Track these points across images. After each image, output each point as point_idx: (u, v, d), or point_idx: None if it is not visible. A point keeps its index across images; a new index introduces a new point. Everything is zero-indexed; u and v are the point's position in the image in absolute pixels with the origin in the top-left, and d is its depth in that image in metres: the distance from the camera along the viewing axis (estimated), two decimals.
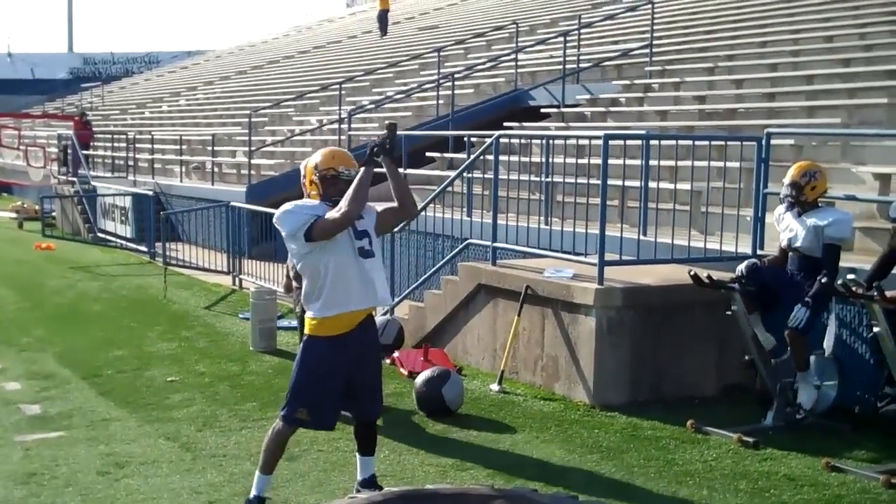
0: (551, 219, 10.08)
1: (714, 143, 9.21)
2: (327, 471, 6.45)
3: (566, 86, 16.60)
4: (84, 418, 7.76)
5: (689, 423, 7.33)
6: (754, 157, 8.59)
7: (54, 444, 7.09)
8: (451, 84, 17.46)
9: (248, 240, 15.15)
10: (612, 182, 8.40)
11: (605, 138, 8.18)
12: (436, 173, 14.38)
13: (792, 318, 7.14)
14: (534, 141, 11.58)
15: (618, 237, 8.62)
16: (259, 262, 13.92)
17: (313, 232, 5.39)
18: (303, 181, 7.18)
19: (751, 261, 7.54)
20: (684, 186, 9.42)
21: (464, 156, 12.87)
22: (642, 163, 8.78)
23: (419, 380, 7.96)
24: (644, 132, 11.05)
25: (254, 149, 19.84)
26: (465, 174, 11.08)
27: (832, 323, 7.45)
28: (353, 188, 5.41)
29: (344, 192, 5.42)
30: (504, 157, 10.08)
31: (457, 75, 18.08)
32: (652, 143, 8.97)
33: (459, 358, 9.44)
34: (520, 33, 19.91)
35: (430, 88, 18.80)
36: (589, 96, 15.96)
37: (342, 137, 17.39)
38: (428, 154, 15.42)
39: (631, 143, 9.56)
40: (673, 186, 9.23)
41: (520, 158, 10.53)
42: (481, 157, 10.59)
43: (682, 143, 9.59)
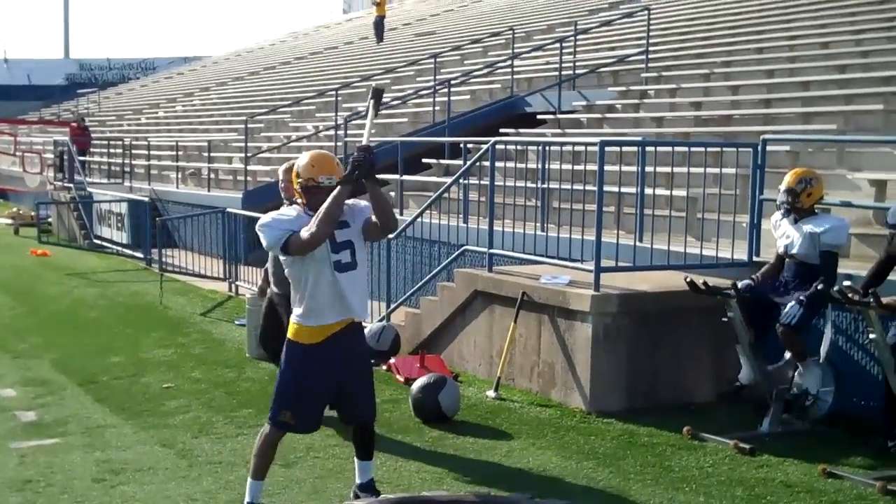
0: (547, 225, 10.08)
1: (710, 149, 9.21)
2: (323, 477, 6.44)
3: (562, 92, 16.63)
4: (80, 425, 7.75)
5: (686, 429, 7.33)
6: (750, 163, 8.61)
7: (50, 451, 7.07)
8: (447, 90, 17.47)
9: (243, 246, 15.13)
10: (608, 188, 8.40)
11: (601, 145, 8.19)
12: (432, 179, 14.38)
13: (785, 314, 7.15)
14: (530, 147, 11.60)
15: (614, 243, 8.61)
16: (255, 269, 13.90)
17: (289, 248, 5.37)
18: (281, 185, 7.27)
19: (745, 282, 7.52)
20: (680, 193, 9.41)
21: (460, 162, 12.86)
22: (638, 169, 8.78)
23: (415, 386, 7.95)
24: (640, 138, 11.07)
25: (250, 155, 19.84)
26: (461, 180, 11.08)
27: (828, 330, 7.45)
28: (324, 208, 5.23)
29: (323, 202, 5.29)
30: (500, 164, 10.10)
31: (453, 81, 18.08)
32: (648, 149, 8.97)
33: (456, 364, 9.44)
34: (516, 39, 19.96)
35: (427, 94, 18.81)
36: (585, 103, 15.97)
37: (338, 144, 17.38)
38: (424, 160, 15.41)
39: (627, 149, 9.56)
40: (669, 193, 9.22)
41: (516, 165, 10.54)
42: (477, 164, 10.59)
43: (678, 149, 9.59)
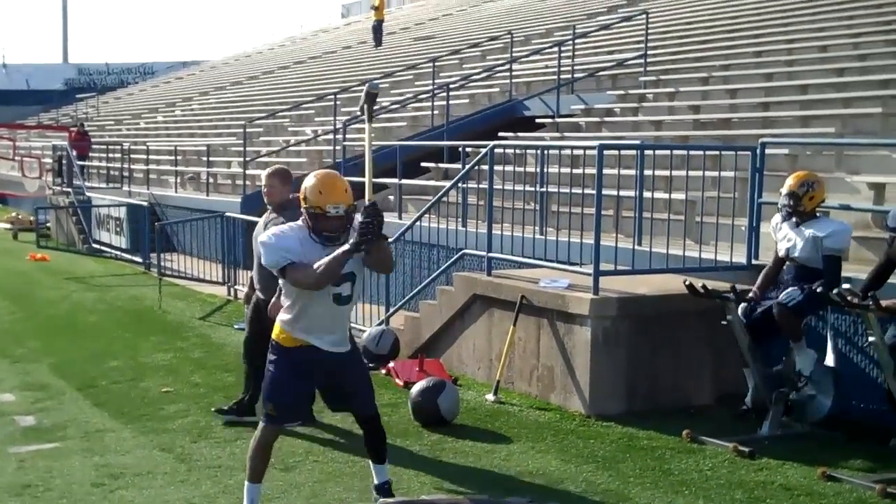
0: (546, 229, 10.08)
1: (709, 152, 9.22)
2: (322, 481, 6.43)
3: (561, 96, 16.64)
4: (78, 429, 7.74)
5: (685, 432, 7.33)
6: (749, 166, 8.61)
7: (49, 456, 7.06)
8: (445, 94, 17.48)
9: (242, 250, 15.09)
10: (606, 192, 8.39)
11: (599, 148, 8.19)
12: (431, 183, 14.39)
13: (785, 294, 7.14)
14: (528, 151, 11.58)
15: (613, 247, 8.62)
16: None
17: (286, 275, 5.31)
18: (265, 190, 7.48)
19: (746, 305, 7.49)
20: (679, 196, 9.42)
21: (459, 166, 12.87)
22: (637, 173, 8.79)
23: (414, 390, 7.95)
24: (639, 142, 11.08)
25: (249, 159, 19.82)
26: (459, 184, 11.09)
27: (830, 335, 7.44)
28: (327, 265, 5.16)
29: (330, 230, 5.22)
30: (499, 168, 10.11)
31: (452, 85, 18.10)
32: (647, 152, 8.99)
33: (455, 368, 9.43)
34: (514, 43, 19.97)
35: (425, 98, 18.82)
36: (584, 106, 15.99)
37: (337, 148, 17.38)
38: (423, 164, 15.43)
39: (626, 153, 9.58)
40: (668, 196, 9.23)
41: (514, 168, 10.54)
42: (476, 168, 10.60)
43: (676, 152, 9.58)
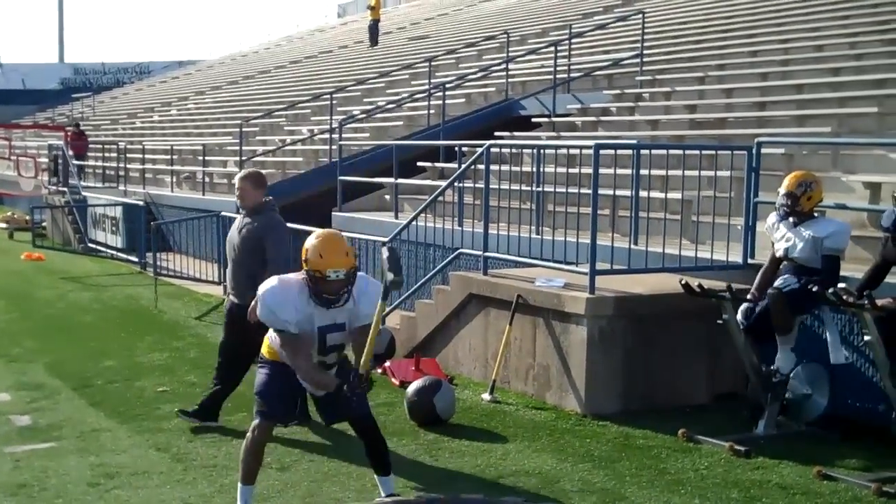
0: (542, 228, 10.08)
1: (704, 152, 9.23)
2: (318, 481, 6.43)
3: (557, 95, 16.63)
4: (74, 429, 7.73)
5: (681, 431, 7.33)
6: (745, 166, 8.61)
7: (44, 455, 7.06)
8: (441, 94, 17.48)
9: None
10: (602, 191, 8.41)
11: (595, 148, 8.20)
12: (427, 183, 14.38)
13: (782, 280, 7.13)
14: (525, 150, 11.60)
15: (609, 246, 8.62)
16: None
17: (279, 339, 5.45)
18: (237, 193, 7.54)
19: (746, 306, 7.50)
20: (675, 195, 9.43)
21: (455, 165, 12.86)
22: (633, 172, 8.79)
23: (410, 389, 7.94)
24: (635, 142, 11.07)
25: (245, 159, 19.80)
26: (456, 184, 11.08)
27: (829, 334, 7.44)
28: (311, 373, 5.37)
29: (330, 292, 5.21)
30: (495, 167, 10.09)
31: (448, 85, 18.09)
32: (642, 152, 9.00)
33: (451, 367, 9.43)
34: (510, 43, 19.95)
35: (421, 98, 18.81)
36: (580, 106, 15.98)
37: (333, 147, 17.37)
38: (419, 164, 15.42)
39: (622, 152, 9.57)
40: (664, 195, 9.24)
41: (511, 168, 10.54)
42: (472, 167, 10.59)
43: (672, 152, 9.60)
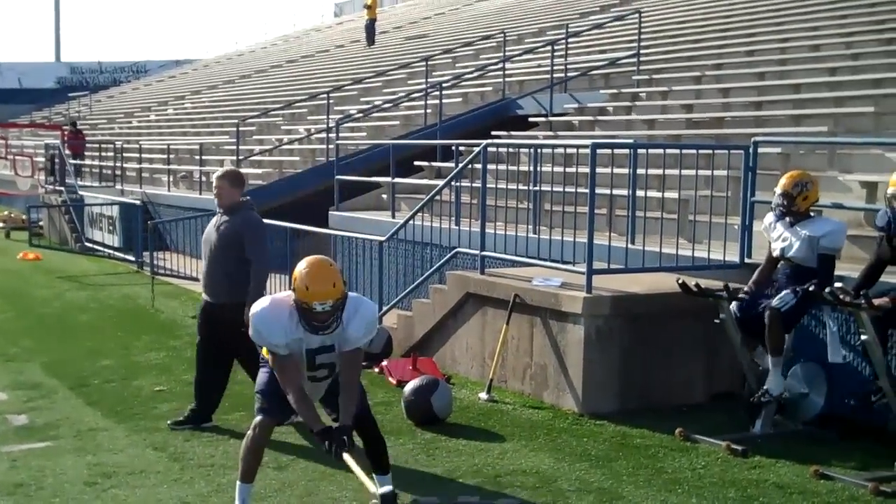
0: (539, 227, 10.08)
1: (701, 151, 9.22)
2: (315, 480, 6.42)
3: (554, 95, 16.64)
4: (71, 428, 7.72)
5: (678, 431, 7.34)
6: (741, 165, 8.61)
7: (41, 455, 7.05)
8: (438, 93, 17.48)
9: None
10: (599, 191, 8.41)
11: (592, 147, 8.20)
12: (424, 182, 14.38)
13: (779, 298, 7.13)
14: (522, 150, 11.59)
15: (606, 246, 8.63)
16: None
17: (269, 357, 5.50)
18: (215, 192, 7.68)
19: (740, 298, 7.49)
20: (672, 195, 9.43)
21: (452, 165, 12.86)
22: (630, 171, 8.78)
23: (408, 389, 7.94)
24: (632, 141, 11.03)
25: (241, 158, 19.82)
26: (453, 183, 11.08)
27: (829, 332, 7.45)
28: (298, 406, 5.34)
29: (318, 321, 5.24)
30: (492, 166, 10.09)
31: (444, 84, 18.10)
32: (639, 151, 8.97)
33: (448, 367, 9.43)
34: (507, 42, 19.96)
35: (418, 97, 18.81)
36: (577, 105, 15.99)
37: (330, 147, 17.37)
38: (416, 163, 15.42)
39: (619, 151, 9.56)
40: (661, 195, 9.24)
41: (508, 167, 10.53)
42: (469, 166, 10.59)
43: (669, 151, 9.61)
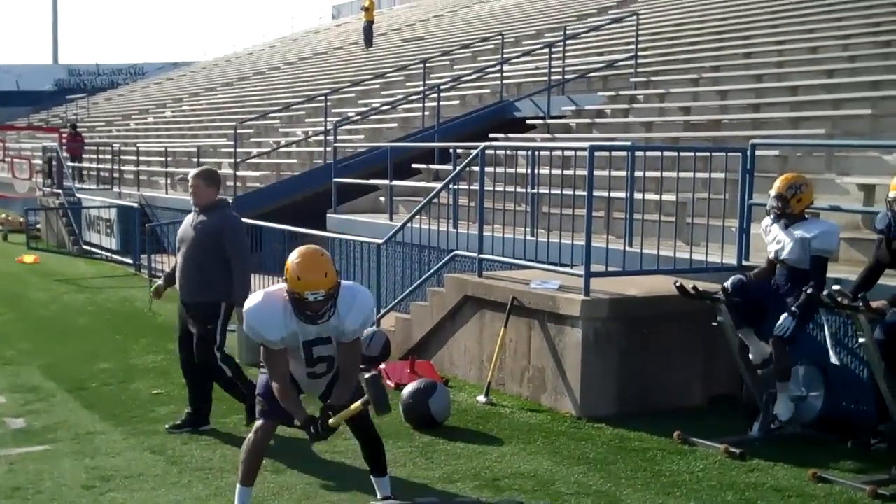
0: (537, 230, 10.08)
1: (699, 154, 9.23)
2: (314, 483, 6.42)
3: (552, 97, 16.65)
4: (69, 432, 7.72)
5: (676, 434, 7.34)
6: (739, 167, 8.62)
7: (39, 458, 7.04)
8: (436, 95, 17.48)
9: None
10: (597, 193, 8.41)
11: (590, 149, 8.20)
12: (422, 184, 14.38)
13: (778, 326, 7.14)
14: (519, 152, 11.59)
15: (604, 248, 8.62)
16: None
17: (263, 350, 5.47)
18: (190, 191, 7.54)
19: (737, 277, 7.51)
20: (670, 197, 9.44)
21: (450, 167, 12.87)
22: (628, 174, 8.79)
23: (405, 392, 7.94)
24: (629, 143, 11.08)
25: (239, 160, 19.80)
26: (450, 185, 11.09)
27: (826, 335, 7.46)
28: (284, 403, 5.35)
29: (310, 311, 5.20)
30: (490, 169, 10.09)
31: (442, 87, 18.09)
32: (637, 154, 8.99)
33: (446, 370, 9.43)
34: (505, 45, 19.98)
35: (416, 100, 18.81)
36: (574, 107, 16.00)
37: (328, 149, 17.37)
38: (414, 165, 15.42)
39: (616, 154, 9.57)
40: (658, 197, 9.24)
41: (505, 170, 10.53)
42: (467, 169, 10.60)
43: (667, 154, 9.61)
